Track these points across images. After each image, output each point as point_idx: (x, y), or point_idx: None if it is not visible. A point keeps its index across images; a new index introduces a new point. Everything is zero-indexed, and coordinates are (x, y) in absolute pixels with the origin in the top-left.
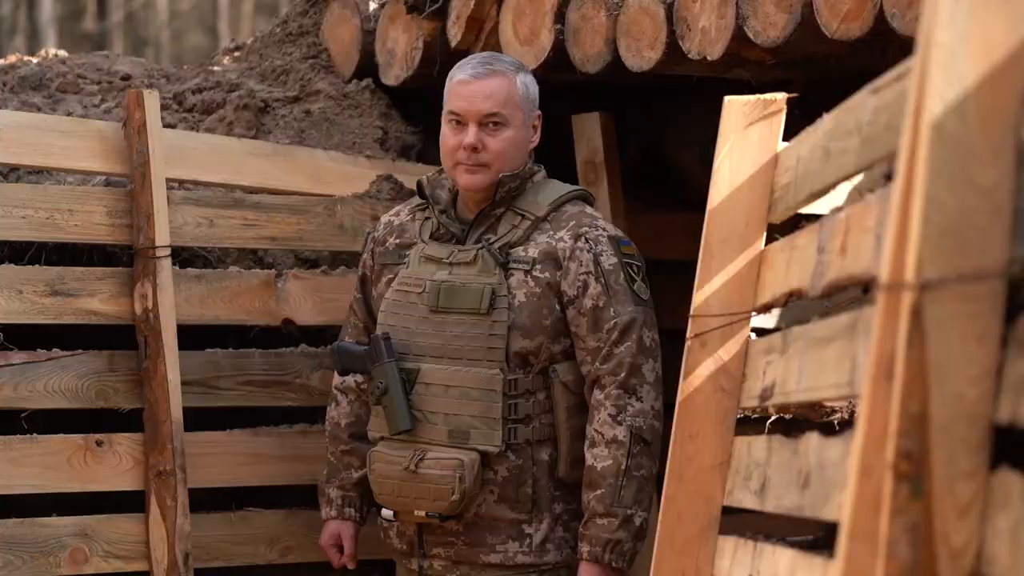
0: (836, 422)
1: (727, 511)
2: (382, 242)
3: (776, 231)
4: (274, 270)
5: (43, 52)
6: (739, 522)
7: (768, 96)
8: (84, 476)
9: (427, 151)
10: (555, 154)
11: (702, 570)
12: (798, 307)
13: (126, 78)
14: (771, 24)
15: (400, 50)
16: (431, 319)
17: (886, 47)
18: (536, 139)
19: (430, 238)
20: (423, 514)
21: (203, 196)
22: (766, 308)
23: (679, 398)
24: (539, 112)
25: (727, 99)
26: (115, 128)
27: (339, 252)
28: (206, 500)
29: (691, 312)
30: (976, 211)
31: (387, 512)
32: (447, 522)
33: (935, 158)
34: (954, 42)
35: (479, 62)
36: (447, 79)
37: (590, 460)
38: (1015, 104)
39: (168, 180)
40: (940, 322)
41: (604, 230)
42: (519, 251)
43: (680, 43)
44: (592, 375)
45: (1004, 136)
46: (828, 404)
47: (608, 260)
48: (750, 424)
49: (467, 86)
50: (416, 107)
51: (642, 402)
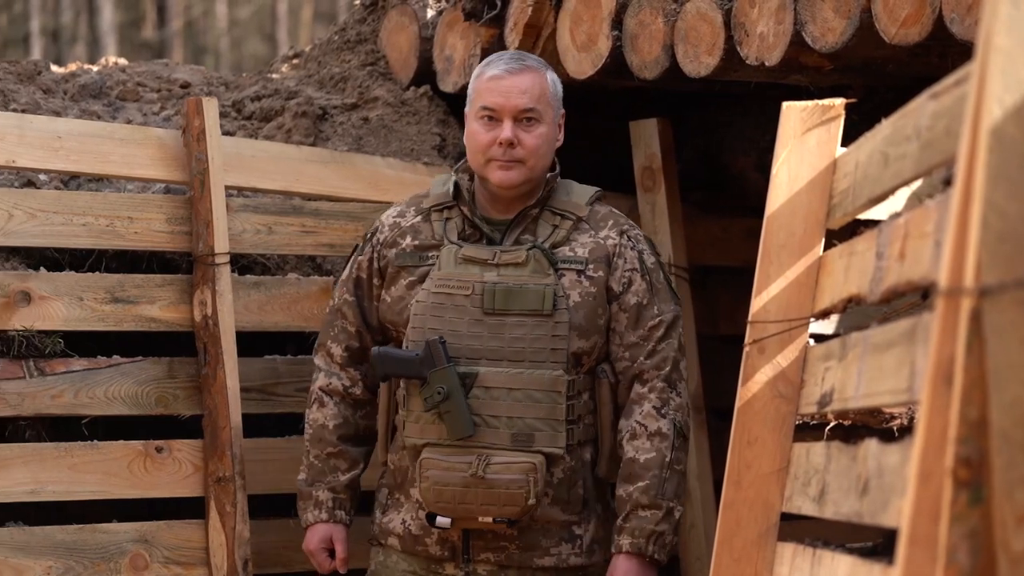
0: (895, 428)
1: (786, 517)
2: (391, 244)
3: (834, 237)
4: (332, 277)
5: (103, 60)
6: (798, 528)
7: (826, 101)
8: (144, 482)
9: None
10: (612, 160)
11: None
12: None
13: (185, 86)
14: (829, 29)
15: (458, 57)
16: (486, 321)
17: (945, 52)
18: (561, 138)
19: (459, 239)
20: (489, 520)
21: (262, 203)
22: (824, 314)
23: (737, 404)
24: (563, 111)
25: (785, 105)
26: (175, 136)
27: None
28: (265, 506)
29: (749, 318)
30: None
31: (443, 519)
32: (502, 526)
33: (994, 163)
34: (1013, 47)
35: (510, 58)
36: (473, 76)
37: (631, 452)
38: None
39: (227, 187)
40: (999, 327)
41: (639, 229)
42: (565, 251)
43: (738, 49)
44: (634, 370)
45: None
46: (887, 410)
47: (650, 258)
48: (809, 430)
49: (501, 81)
50: None
51: (681, 397)
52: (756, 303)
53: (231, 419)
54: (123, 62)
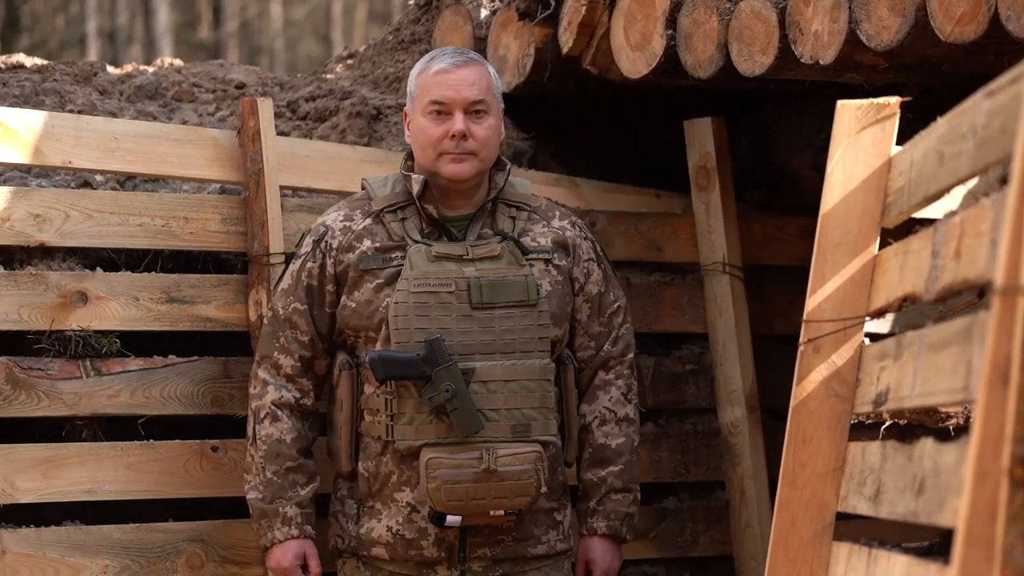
0: (951, 428)
1: (841, 517)
2: (348, 248)
3: (889, 235)
4: None
5: (159, 61)
6: (853, 528)
7: (881, 100)
8: (200, 482)
9: (539, 157)
10: (668, 158)
11: None
12: (912, 312)
13: (240, 86)
14: (884, 28)
15: (512, 56)
16: (475, 316)
17: (1000, 50)
18: (503, 132)
19: (422, 237)
20: (501, 513)
21: (316, 203)
22: (880, 313)
23: (792, 403)
24: (503, 106)
25: (840, 103)
26: (230, 136)
27: None
28: (319, 506)
29: (804, 317)
30: None
31: (454, 518)
32: (508, 518)
33: None
34: None
35: (453, 52)
36: (415, 74)
37: (602, 439)
38: None
39: (282, 187)
40: None
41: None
42: (528, 241)
43: (792, 47)
44: (600, 358)
45: None
46: (943, 409)
47: (598, 247)
48: (864, 429)
49: (449, 75)
50: (528, 113)
51: (636, 383)
52: (811, 302)
53: None
54: (178, 63)
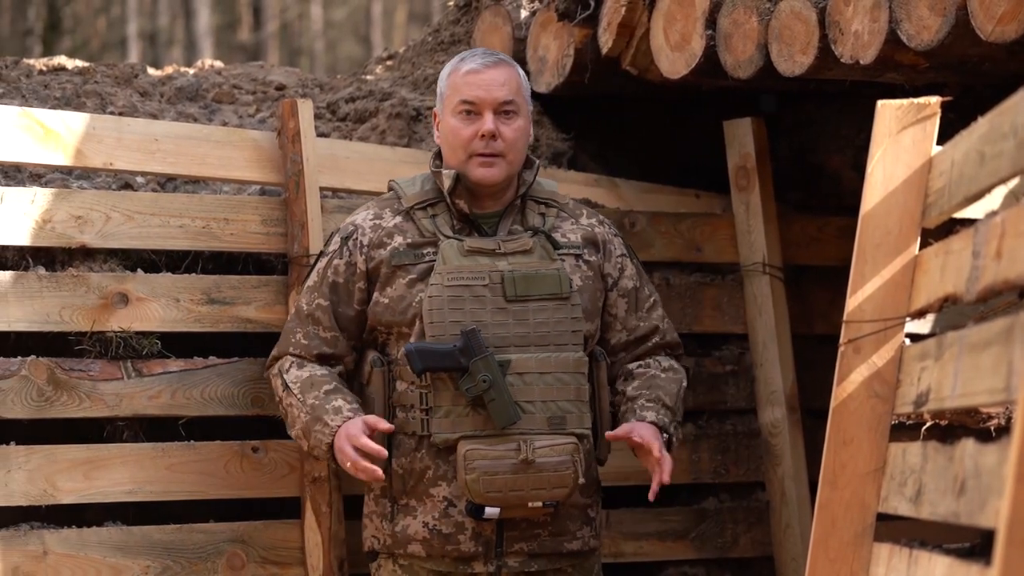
0: (992, 428)
1: (882, 517)
2: (379, 244)
3: (930, 236)
4: None
5: (199, 63)
6: (894, 529)
7: (921, 100)
8: (240, 482)
9: (578, 158)
10: (707, 159)
11: None
12: (953, 312)
13: (280, 88)
14: (925, 27)
15: (551, 57)
16: (509, 309)
17: None
18: (532, 134)
19: (454, 232)
20: (539, 504)
21: (356, 204)
22: (920, 313)
23: (833, 404)
24: (532, 108)
25: (880, 103)
26: (270, 137)
27: None
28: (361, 506)
29: (844, 318)
30: None
31: (492, 510)
32: (543, 511)
33: None
34: None
35: (483, 53)
36: (445, 74)
37: (647, 371)
38: None
39: (322, 189)
40: None
41: None
42: (558, 237)
43: (832, 47)
44: (643, 351)
45: None
46: (984, 410)
47: (626, 243)
48: (905, 430)
49: (479, 75)
50: (567, 114)
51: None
52: (851, 302)
53: None
54: (219, 65)
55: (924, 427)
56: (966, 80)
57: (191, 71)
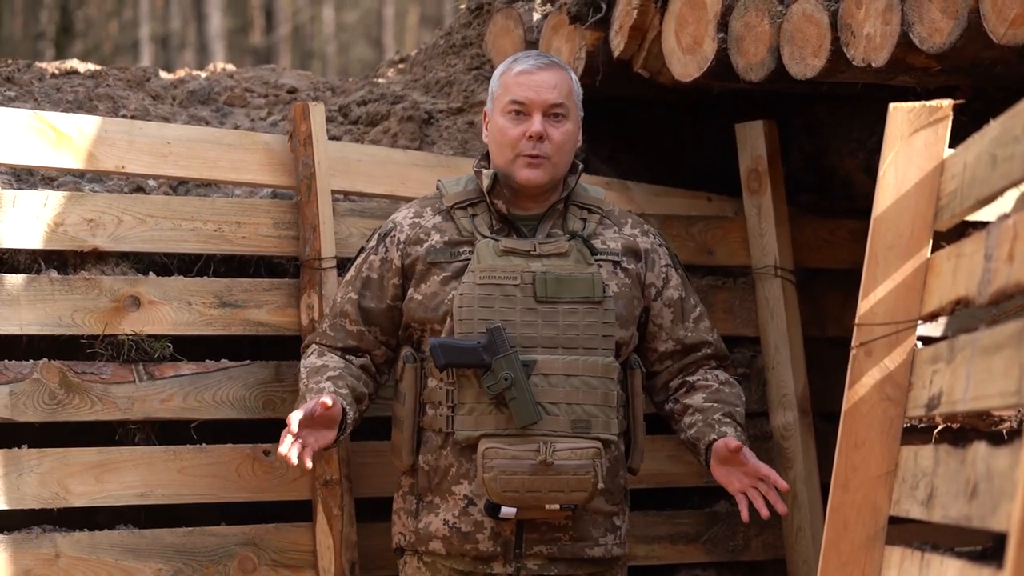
0: (1004, 431)
1: (893, 521)
2: (417, 241)
3: (942, 238)
4: None
5: (211, 66)
6: (905, 532)
7: (934, 103)
8: (252, 485)
9: (590, 161)
10: (719, 162)
11: None
12: (965, 315)
13: (292, 91)
14: (937, 30)
15: (563, 60)
16: (539, 309)
17: None
18: (580, 140)
19: (491, 233)
20: (556, 507)
21: (368, 207)
22: (932, 316)
23: (844, 407)
24: (583, 114)
25: (892, 106)
26: (281, 141)
27: None
28: (372, 509)
29: (856, 320)
30: None
31: (508, 510)
32: (560, 515)
33: None
34: None
35: (536, 55)
36: (498, 74)
37: (708, 383)
38: None
39: (333, 192)
40: None
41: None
42: (598, 243)
43: (844, 50)
44: (691, 361)
45: None
46: (996, 413)
47: (673, 252)
48: (916, 433)
49: (531, 76)
50: None
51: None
52: (863, 305)
53: None
54: (231, 68)
55: (936, 430)
56: (978, 83)
57: (203, 74)
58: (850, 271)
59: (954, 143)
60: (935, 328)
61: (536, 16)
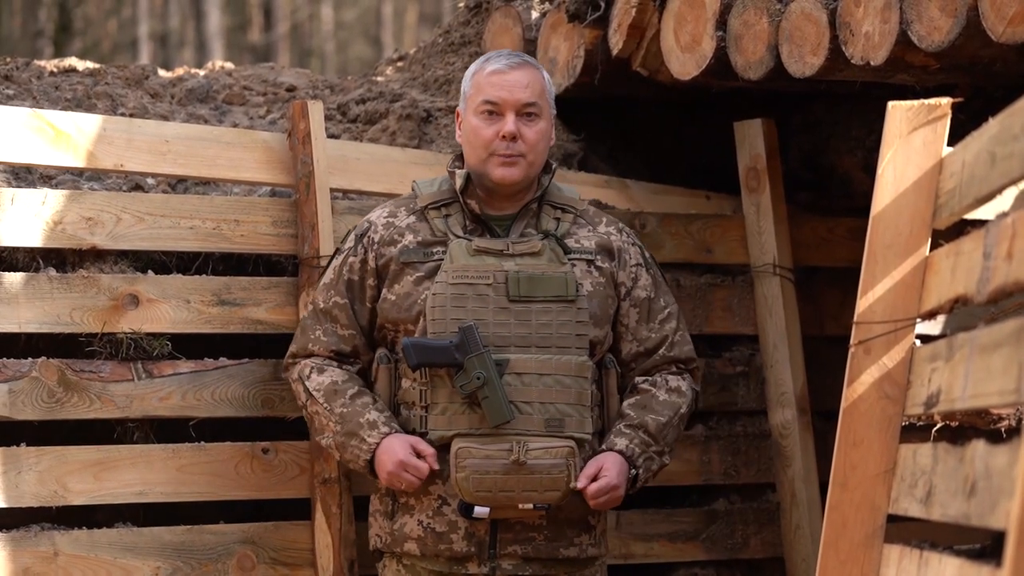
0: (1003, 429)
1: (892, 519)
2: (390, 242)
3: (941, 237)
4: None
5: (210, 64)
6: (904, 530)
7: (932, 101)
8: (251, 484)
9: (588, 159)
10: (718, 160)
11: None
12: (964, 313)
13: (291, 89)
14: (935, 28)
15: (561, 59)
16: (512, 309)
17: None
18: (553, 137)
19: (464, 234)
20: (530, 506)
21: (366, 205)
22: (931, 314)
23: (843, 405)
24: (555, 112)
25: (891, 104)
26: (280, 139)
27: None
28: (359, 508)
29: (855, 319)
30: None
31: (481, 510)
32: (534, 514)
33: None
34: None
35: (508, 54)
36: (470, 73)
37: (650, 389)
38: None
39: (332, 190)
40: None
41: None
42: (571, 243)
43: (843, 48)
44: (651, 364)
45: None
46: (994, 411)
47: (647, 253)
48: (915, 431)
49: (503, 76)
50: (578, 115)
51: (696, 384)
52: (862, 304)
53: None
54: (229, 66)
55: (935, 428)
56: (977, 81)
57: (202, 73)
58: (849, 269)
59: (953, 141)
60: (934, 326)
61: (535, 14)
